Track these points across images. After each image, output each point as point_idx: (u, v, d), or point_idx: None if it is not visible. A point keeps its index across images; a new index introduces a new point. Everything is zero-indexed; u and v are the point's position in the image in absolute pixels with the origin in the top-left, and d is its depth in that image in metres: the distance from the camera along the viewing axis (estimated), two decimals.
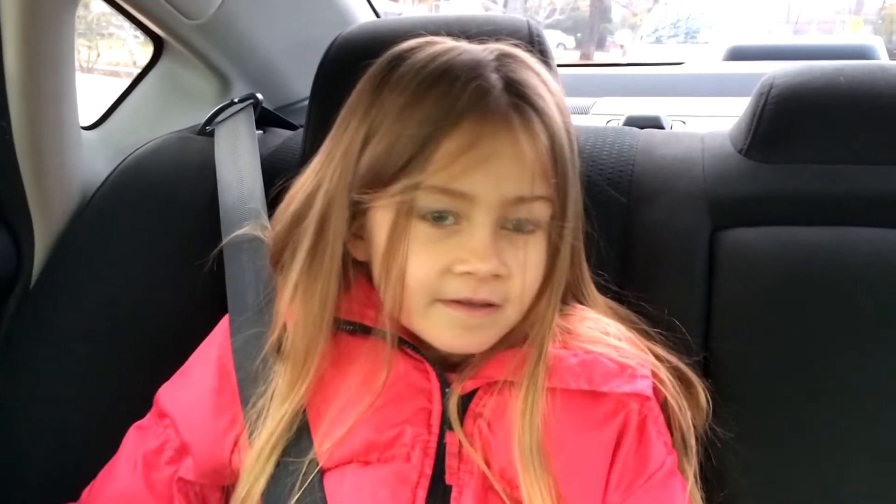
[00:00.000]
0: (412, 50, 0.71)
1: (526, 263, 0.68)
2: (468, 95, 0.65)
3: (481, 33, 0.75)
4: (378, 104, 0.68)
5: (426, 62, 0.68)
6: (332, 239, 0.70)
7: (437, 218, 0.67)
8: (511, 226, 0.68)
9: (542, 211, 0.69)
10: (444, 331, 0.70)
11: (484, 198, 0.66)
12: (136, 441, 0.78)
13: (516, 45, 0.73)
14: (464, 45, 0.71)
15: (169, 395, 0.79)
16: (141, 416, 0.79)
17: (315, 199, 0.72)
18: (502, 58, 0.69)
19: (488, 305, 0.68)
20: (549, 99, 0.69)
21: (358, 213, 0.71)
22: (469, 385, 0.72)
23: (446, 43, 0.71)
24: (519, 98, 0.67)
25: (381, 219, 0.69)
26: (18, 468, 0.88)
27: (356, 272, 0.74)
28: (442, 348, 0.71)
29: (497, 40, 0.74)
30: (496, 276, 0.67)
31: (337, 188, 0.70)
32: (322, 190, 0.72)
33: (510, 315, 0.70)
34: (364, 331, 0.73)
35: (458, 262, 0.66)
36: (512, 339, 0.72)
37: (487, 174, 0.65)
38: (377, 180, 0.67)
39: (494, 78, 0.67)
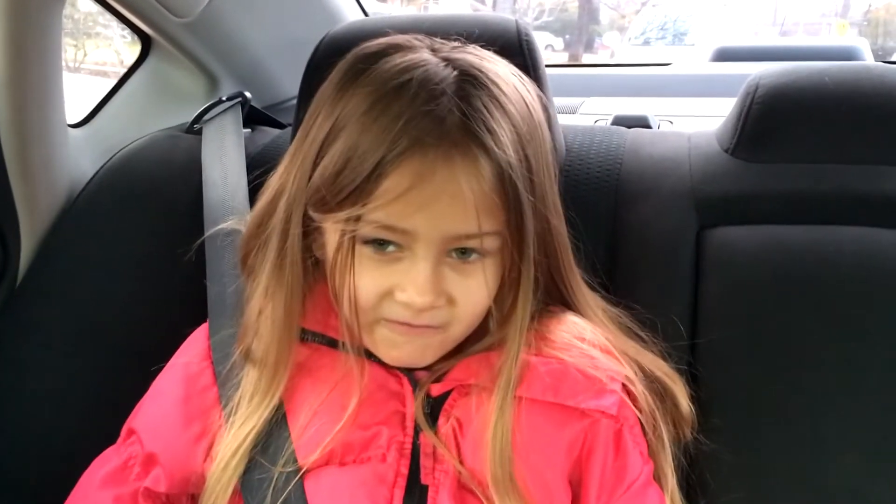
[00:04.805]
0: (374, 57, 0.68)
1: (471, 290, 0.68)
2: (413, 130, 0.62)
3: (469, 34, 0.74)
4: (333, 116, 0.67)
5: (381, 82, 0.65)
6: (292, 249, 0.70)
7: (381, 244, 0.67)
8: (456, 255, 0.67)
9: (490, 242, 0.67)
10: (388, 347, 0.71)
11: (425, 235, 0.65)
12: (99, 464, 0.76)
13: (494, 48, 0.72)
14: (426, 57, 0.67)
15: (135, 414, 0.78)
16: (128, 413, 0.79)
17: (278, 204, 0.72)
18: (462, 79, 0.65)
19: (431, 328, 0.69)
20: (504, 127, 0.65)
21: (314, 225, 0.71)
22: (438, 388, 0.72)
23: (410, 54, 0.68)
24: (466, 132, 0.63)
25: (329, 237, 0.69)
26: (3, 466, 0.88)
27: (319, 275, 0.74)
28: (388, 362, 0.72)
29: (480, 43, 0.72)
30: (434, 307, 0.67)
31: (295, 199, 0.69)
32: (284, 197, 0.71)
33: (455, 333, 0.71)
34: (331, 343, 0.73)
35: (398, 290, 0.67)
36: (481, 344, 0.72)
37: (428, 215, 0.64)
38: (323, 204, 0.66)
39: (446, 108, 0.63)
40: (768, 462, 0.81)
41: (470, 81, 0.65)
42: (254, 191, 0.89)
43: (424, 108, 0.63)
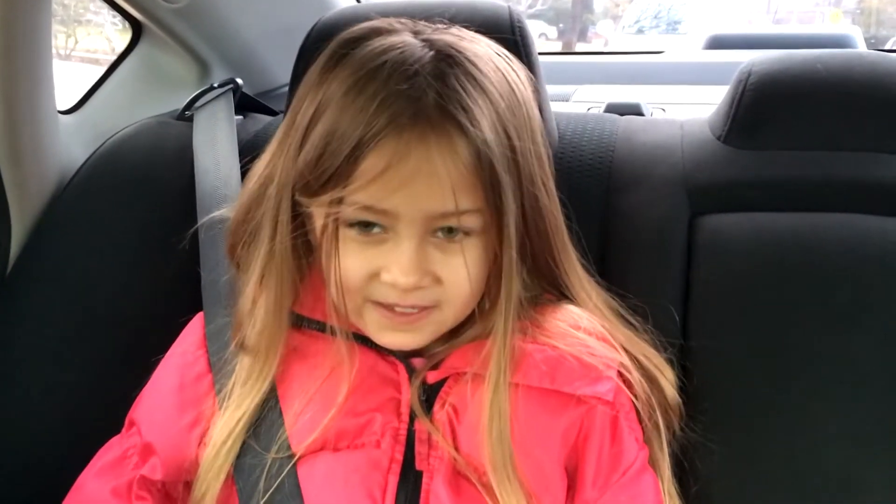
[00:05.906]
0: (356, 41, 0.68)
1: (457, 269, 0.67)
2: (389, 110, 0.62)
3: (461, 20, 0.74)
4: (316, 100, 0.67)
5: (360, 65, 0.65)
6: (282, 236, 0.70)
7: (365, 226, 0.67)
8: (442, 234, 0.67)
9: (471, 221, 0.67)
10: (377, 330, 0.71)
11: (406, 214, 0.65)
12: (101, 454, 0.77)
13: (486, 34, 0.72)
14: (406, 40, 0.67)
15: (136, 404, 0.78)
16: (119, 402, 0.78)
17: (266, 192, 0.72)
18: (438, 59, 0.65)
19: (421, 308, 0.69)
20: (481, 105, 0.64)
21: (304, 210, 0.71)
22: (434, 375, 0.72)
23: (392, 37, 0.68)
24: (441, 111, 0.63)
25: (317, 221, 0.69)
26: None
27: (312, 261, 0.74)
28: (381, 345, 0.72)
29: (472, 29, 0.72)
30: (420, 287, 0.67)
31: (284, 186, 0.69)
32: (273, 184, 0.71)
33: (447, 314, 0.70)
34: (323, 328, 0.73)
35: (383, 271, 0.67)
36: (478, 332, 0.72)
37: (406, 194, 0.64)
38: (307, 188, 0.66)
39: (421, 87, 0.63)
40: (760, 449, 0.82)
41: (446, 60, 0.65)
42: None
43: (399, 87, 0.63)
